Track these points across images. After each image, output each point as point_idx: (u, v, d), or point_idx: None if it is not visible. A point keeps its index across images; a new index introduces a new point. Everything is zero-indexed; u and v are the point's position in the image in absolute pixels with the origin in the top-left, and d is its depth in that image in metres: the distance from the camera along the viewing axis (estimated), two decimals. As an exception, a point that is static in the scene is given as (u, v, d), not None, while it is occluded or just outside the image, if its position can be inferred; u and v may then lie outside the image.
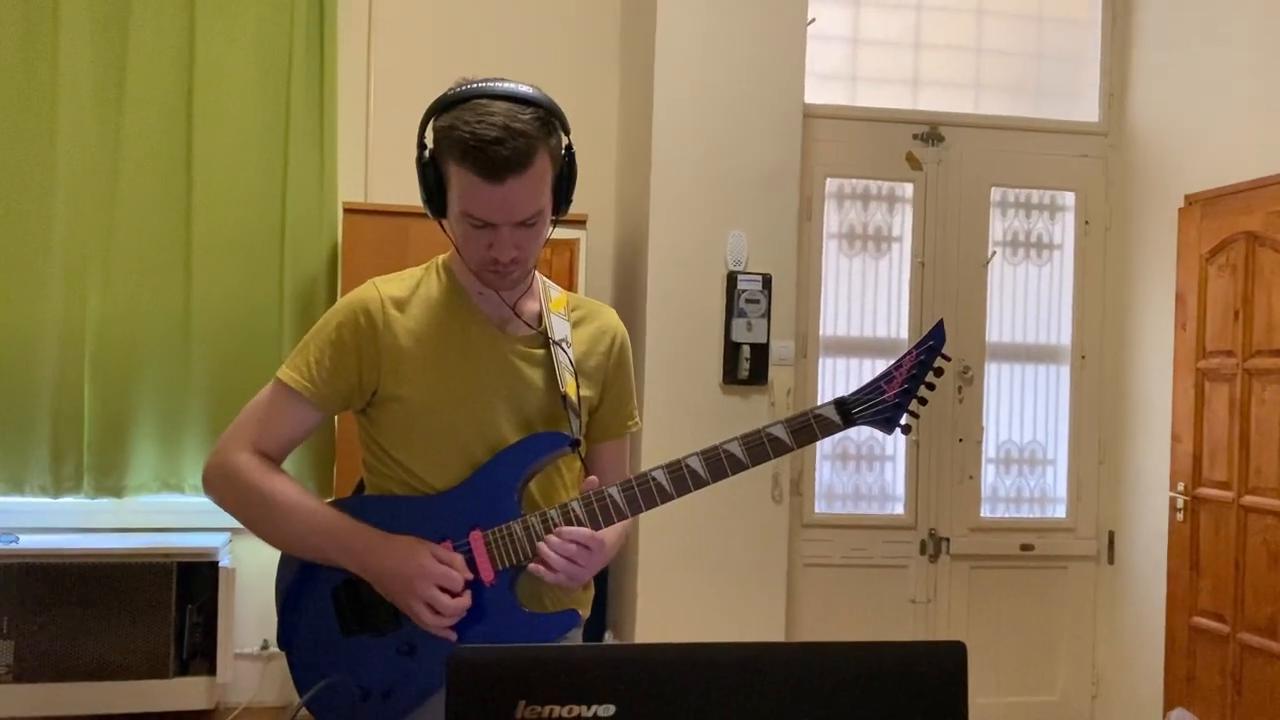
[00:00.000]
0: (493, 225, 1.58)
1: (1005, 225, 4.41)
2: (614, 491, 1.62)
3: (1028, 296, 4.42)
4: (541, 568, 1.59)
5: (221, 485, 1.67)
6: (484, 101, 1.55)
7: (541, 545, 1.59)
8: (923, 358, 1.64)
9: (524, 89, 1.59)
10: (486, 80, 1.59)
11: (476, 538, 1.62)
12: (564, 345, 1.73)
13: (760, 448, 1.61)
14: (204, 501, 1.76)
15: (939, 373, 1.66)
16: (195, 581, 4.03)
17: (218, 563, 3.99)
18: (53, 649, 3.86)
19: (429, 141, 1.63)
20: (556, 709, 1.09)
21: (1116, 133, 4.40)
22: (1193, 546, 3.83)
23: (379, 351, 1.66)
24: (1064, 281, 4.43)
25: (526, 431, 1.68)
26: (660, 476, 1.62)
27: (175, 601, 3.96)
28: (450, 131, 1.56)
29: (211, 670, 3.99)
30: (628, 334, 1.86)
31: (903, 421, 1.66)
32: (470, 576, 1.60)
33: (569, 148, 1.64)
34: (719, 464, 1.61)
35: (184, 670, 3.99)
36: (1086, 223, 4.42)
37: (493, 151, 1.52)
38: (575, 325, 1.78)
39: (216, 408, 4.15)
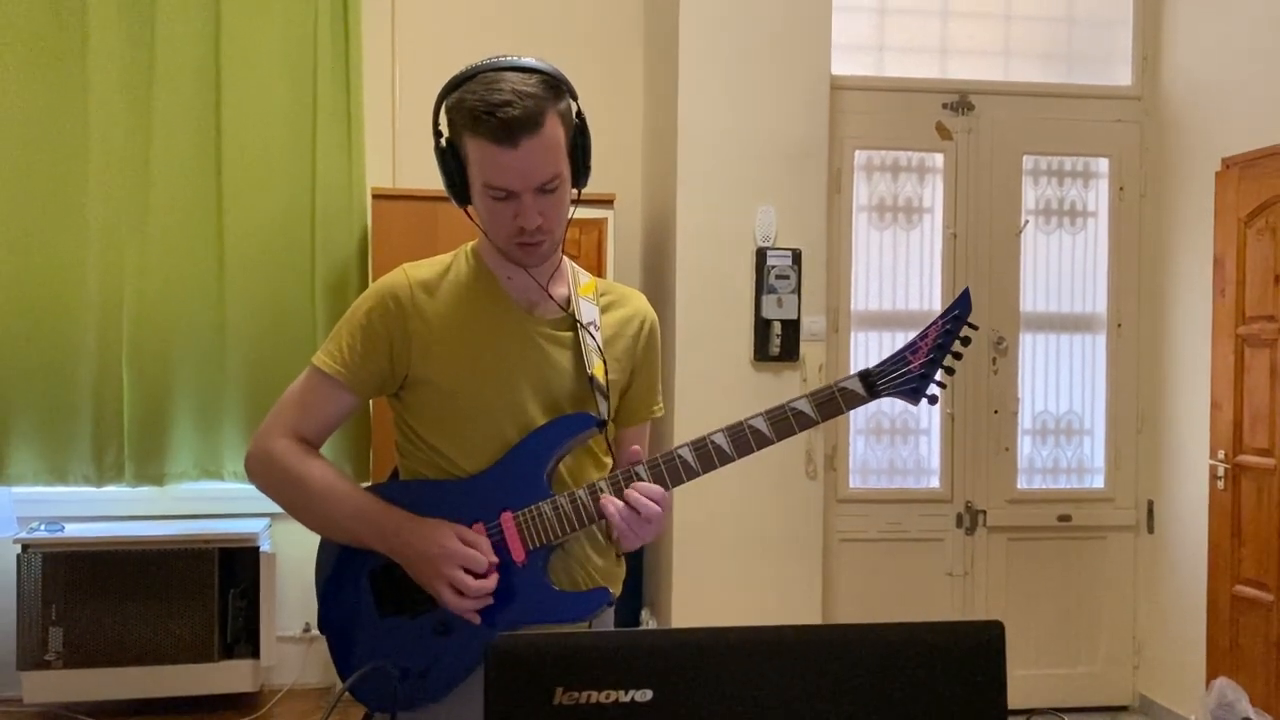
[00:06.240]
0: (514, 194, 1.60)
1: (1038, 194, 4.36)
2: (641, 470, 1.63)
3: (1062, 265, 4.37)
4: (610, 507, 1.60)
5: (261, 472, 1.70)
6: (490, 74, 1.58)
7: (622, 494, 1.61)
8: (949, 327, 1.63)
9: (526, 59, 1.61)
10: (489, 58, 1.61)
11: (507, 519, 1.63)
12: (592, 328, 1.74)
13: (785, 422, 1.62)
14: (243, 488, 1.79)
15: (966, 342, 1.65)
16: (237, 566, 4.10)
17: (258, 547, 4.04)
18: (100, 635, 3.93)
19: (443, 128, 1.65)
20: (594, 694, 1.10)
21: (1150, 96, 4.32)
22: (1234, 514, 3.78)
23: (408, 336, 1.68)
24: (1099, 249, 4.37)
25: (554, 413, 1.69)
26: (686, 454, 1.63)
27: (218, 586, 4.02)
28: (460, 105, 1.58)
29: (255, 653, 4.06)
30: (657, 319, 1.86)
31: (929, 392, 1.65)
32: (495, 560, 1.61)
33: (580, 114, 1.66)
34: (744, 440, 1.62)
35: (228, 654, 4.06)
36: (1121, 189, 4.35)
37: (503, 113, 1.54)
38: (604, 310, 1.78)
39: (252, 394, 4.18)
